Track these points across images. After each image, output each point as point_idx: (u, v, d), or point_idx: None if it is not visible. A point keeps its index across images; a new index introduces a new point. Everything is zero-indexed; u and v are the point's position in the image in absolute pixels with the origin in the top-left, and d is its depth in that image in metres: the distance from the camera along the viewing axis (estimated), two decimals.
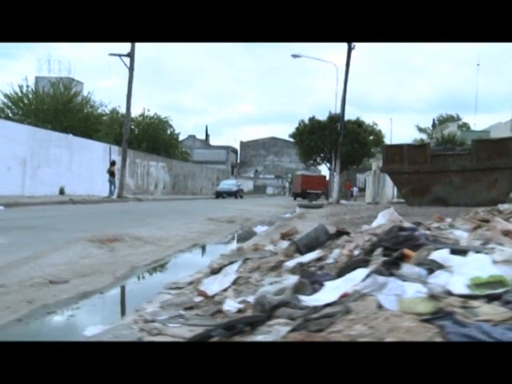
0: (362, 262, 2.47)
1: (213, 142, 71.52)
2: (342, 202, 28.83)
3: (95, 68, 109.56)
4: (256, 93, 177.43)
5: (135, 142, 35.94)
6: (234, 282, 3.12)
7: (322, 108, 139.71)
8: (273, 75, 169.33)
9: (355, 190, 37.49)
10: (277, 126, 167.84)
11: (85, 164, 27.02)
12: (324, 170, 50.19)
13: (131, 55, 24.50)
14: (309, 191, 37.85)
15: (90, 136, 30.42)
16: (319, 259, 3.19)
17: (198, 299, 3.02)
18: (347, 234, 3.60)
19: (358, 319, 1.73)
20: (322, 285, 2.43)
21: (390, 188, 26.75)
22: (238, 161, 69.98)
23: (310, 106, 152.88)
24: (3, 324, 3.04)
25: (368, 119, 38.89)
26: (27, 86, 33.51)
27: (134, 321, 2.67)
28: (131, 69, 24.68)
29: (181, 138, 47.08)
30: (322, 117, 34.80)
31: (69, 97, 33.86)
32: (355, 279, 2.19)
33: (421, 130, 49.51)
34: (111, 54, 24.57)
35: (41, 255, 5.48)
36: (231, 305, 2.79)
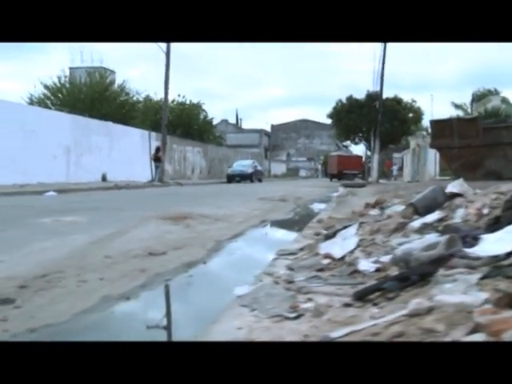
0: None
1: (244, 126, 71.54)
2: (381, 181, 28.47)
3: (122, 57, 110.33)
4: (283, 75, 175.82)
5: (170, 128, 36.13)
6: (358, 245, 3.09)
7: (352, 89, 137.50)
8: (300, 57, 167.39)
9: (395, 168, 36.80)
10: (306, 108, 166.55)
11: (124, 151, 27.34)
12: (357, 150, 49.59)
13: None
14: (345, 172, 37.47)
15: (126, 123, 30.72)
16: (441, 219, 3.13)
17: (326, 261, 2.99)
18: (461, 195, 3.52)
19: None
20: (475, 239, 2.37)
21: (431, 165, 26.27)
22: (270, 144, 69.79)
23: (340, 88, 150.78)
24: (131, 289, 3.09)
25: (405, 97, 37.81)
26: (65, 77, 34.13)
27: (273, 282, 2.67)
28: (168, 53, 24.77)
29: (213, 122, 47.10)
30: (359, 96, 34.30)
31: (105, 85, 34.33)
32: None
33: (457, 106, 48.08)
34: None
35: (125, 231, 5.56)
36: (366, 265, 2.76)
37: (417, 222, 3.05)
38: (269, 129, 72.68)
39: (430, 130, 35.69)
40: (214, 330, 1.89)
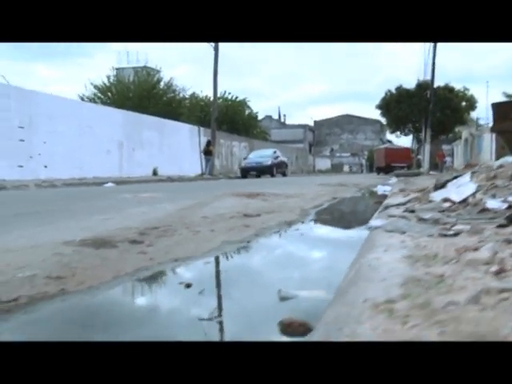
0: None
1: (287, 122, 71.33)
2: (432, 172, 27.77)
3: (165, 58, 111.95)
4: (323, 73, 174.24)
5: (217, 124, 36.45)
6: (477, 190, 3.02)
7: (394, 84, 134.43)
8: (340, 53, 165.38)
9: (448, 160, 35.44)
10: (347, 104, 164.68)
11: (174, 146, 27.75)
12: (403, 141, 48.48)
13: None
14: (393, 164, 36.65)
15: (174, 120, 31.16)
16: None
17: (446, 205, 2.95)
18: None
19: None
20: None
21: (487, 154, 25.47)
22: (315, 139, 69.47)
23: (382, 83, 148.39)
24: (247, 236, 3.14)
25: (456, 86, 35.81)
26: (114, 76, 35.03)
27: (401, 217, 2.64)
28: (216, 49, 25.01)
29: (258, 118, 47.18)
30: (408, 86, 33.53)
31: (152, 83, 34.99)
32: None
33: (509, 96, 46.33)
34: None
35: (207, 202, 5.64)
36: (495, 204, 2.70)
37: None
38: (312, 124, 72.28)
39: (479, 122, 34.56)
40: (378, 243, 1.88)
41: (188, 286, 1.86)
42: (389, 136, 54.83)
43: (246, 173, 25.22)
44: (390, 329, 0.82)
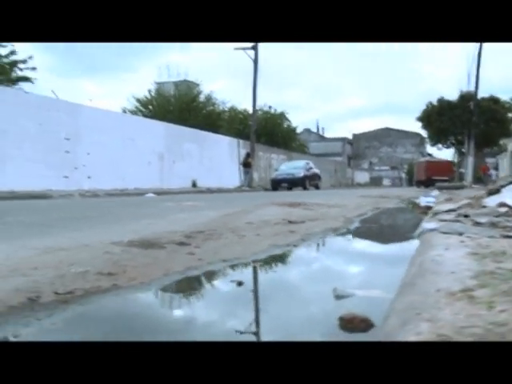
0: None
1: (325, 135, 71.09)
2: (474, 186, 26.95)
3: (203, 72, 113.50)
4: (361, 86, 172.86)
5: (255, 136, 36.57)
6: None
7: (434, 97, 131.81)
8: (378, 66, 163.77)
9: (493, 173, 34.06)
10: (386, 118, 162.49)
11: (213, 158, 28.01)
12: (444, 154, 47.40)
13: (255, 48, 25.06)
14: (434, 178, 35.76)
15: (213, 132, 31.48)
16: None
17: (503, 210, 2.83)
18: None
19: None
20: None
21: None
22: (353, 152, 68.95)
23: (421, 96, 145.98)
24: (293, 241, 3.10)
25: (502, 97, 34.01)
26: (156, 90, 35.83)
27: (455, 221, 2.54)
28: (256, 61, 25.22)
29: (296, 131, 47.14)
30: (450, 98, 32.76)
31: (192, 96, 35.55)
32: None
33: None
34: (236, 49, 25.23)
35: (250, 210, 5.62)
36: None
37: None
38: (351, 137, 71.80)
39: None
40: (436, 243, 1.81)
41: (240, 283, 1.83)
42: (429, 149, 53.81)
43: (276, 185, 23.87)
44: (474, 314, 0.77)
